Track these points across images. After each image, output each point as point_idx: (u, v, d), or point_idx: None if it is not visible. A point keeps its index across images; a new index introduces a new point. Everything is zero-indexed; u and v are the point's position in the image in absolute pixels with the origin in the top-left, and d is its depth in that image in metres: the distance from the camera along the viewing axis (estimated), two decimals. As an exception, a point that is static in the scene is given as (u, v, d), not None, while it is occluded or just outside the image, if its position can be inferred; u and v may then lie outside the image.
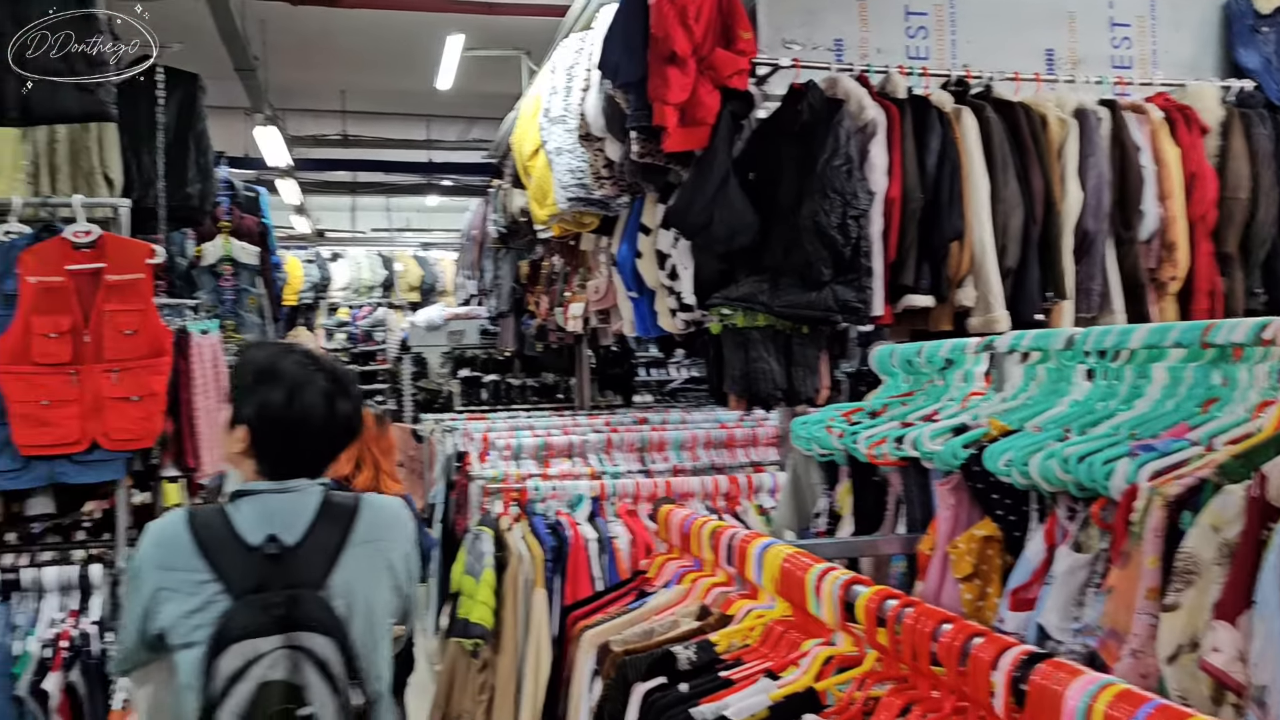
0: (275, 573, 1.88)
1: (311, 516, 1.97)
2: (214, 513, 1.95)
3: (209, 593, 1.84)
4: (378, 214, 14.68)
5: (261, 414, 1.96)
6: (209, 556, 1.86)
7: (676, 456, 4.67)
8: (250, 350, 2.18)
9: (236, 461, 2.02)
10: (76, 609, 3.00)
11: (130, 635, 1.93)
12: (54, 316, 3.14)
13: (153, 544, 1.92)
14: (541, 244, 7.58)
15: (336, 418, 2.00)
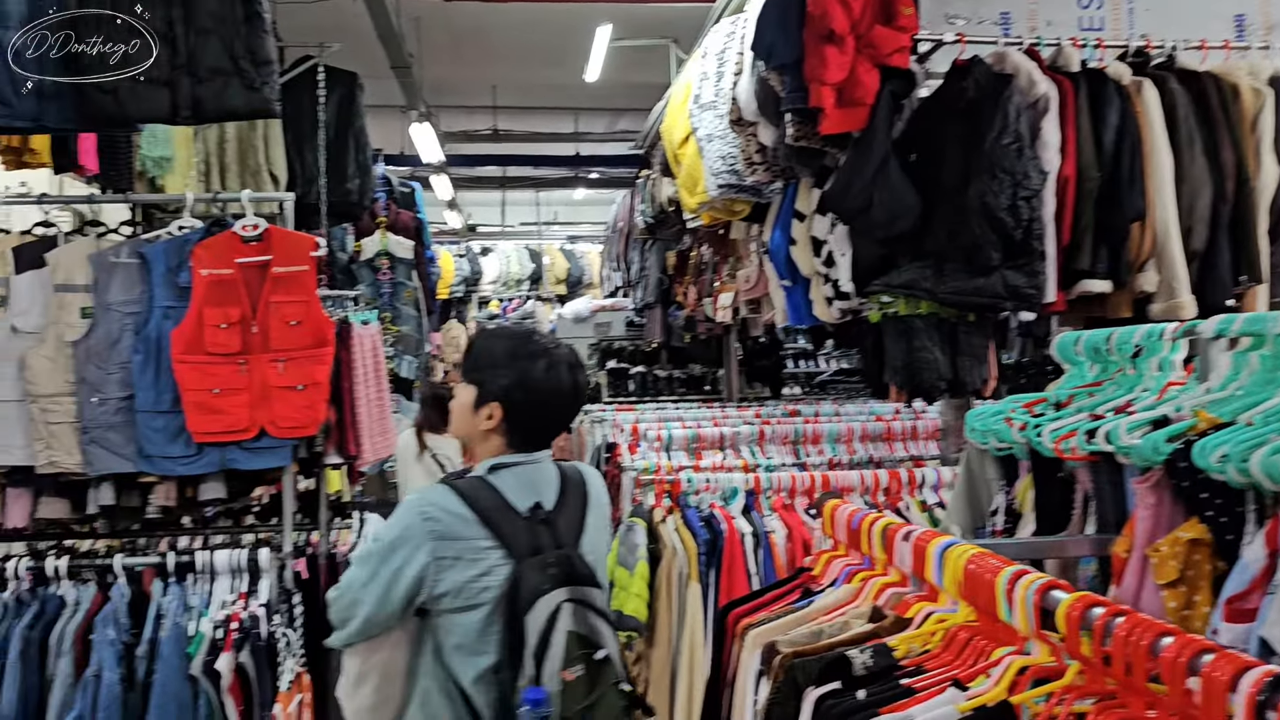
0: (545, 536, 2.07)
1: (558, 484, 2.18)
2: (478, 484, 2.11)
3: (492, 558, 2.03)
4: (526, 208, 14.90)
5: (521, 388, 2.11)
6: (489, 525, 2.04)
7: (832, 450, 4.54)
8: (489, 333, 2.34)
9: (481, 439, 2.18)
10: (246, 591, 3.09)
11: (376, 605, 2.04)
12: (224, 308, 3.23)
13: (423, 518, 2.05)
14: (690, 234, 7.53)
15: (579, 389, 2.19)
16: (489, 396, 2.14)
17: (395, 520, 2.11)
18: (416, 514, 2.06)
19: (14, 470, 3.23)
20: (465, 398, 2.19)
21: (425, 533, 2.04)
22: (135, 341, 3.22)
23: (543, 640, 1.94)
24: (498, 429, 2.15)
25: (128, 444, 3.22)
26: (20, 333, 3.23)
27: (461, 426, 2.21)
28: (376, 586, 2.04)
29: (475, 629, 2.03)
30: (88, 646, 2.92)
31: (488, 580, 2.02)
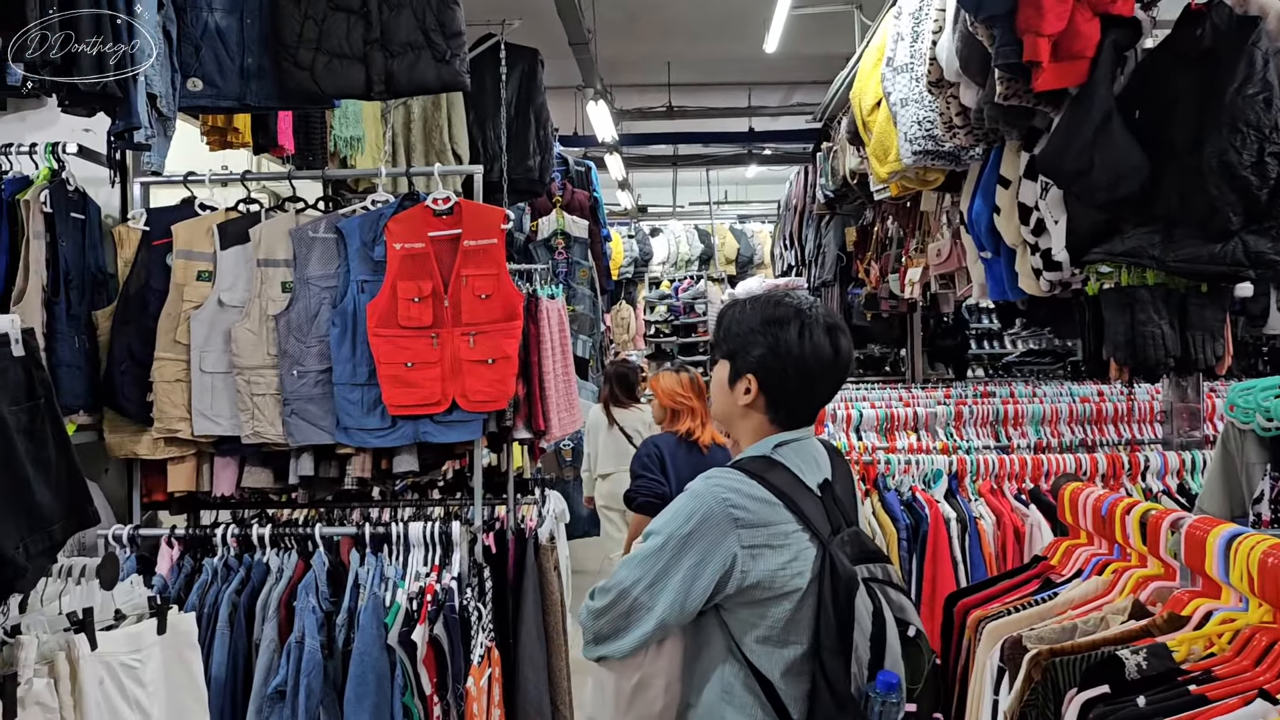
0: (836, 513, 1.94)
1: (828, 458, 2.05)
2: (768, 464, 1.94)
3: (800, 542, 1.87)
4: (695, 188, 14.81)
5: (775, 355, 1.96)
6: (792, 506, 1.89)
7: (1035, 432, 4.27)
8: (736, 303, 2.12)
9: (740, 416, 2.03)
10: (438, 564, 3.09)
11: (673, 607, 1.87)
12: (417, 281, 3.24)
13: (725, 504, 1.88)
14: (872, 208, 7.27)
15: (841, 353, 2.01)
16: (743, 369, 2.00)
17: (683, 510, 1.91)
18: (715, 500, 1.88)
19: (222, 440, 3.32)
20: (720, 374, 2.06)
21: (729, 520, 1.87)
22: (332, 315, 3.27)
23: (877, 623, 1.81)
24: (756, 404, 2.00)
25: (326, 416, 3.27)
26: (226, 306, 3.31)
27: (720, 405, 2.07)
28: (673, 586, 1.86)
29: (784, 619, 1.88)
30: (291, 613, 2.97)
31: (797, 565, 1.87)
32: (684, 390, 4.90)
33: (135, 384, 3.27)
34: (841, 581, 1.82)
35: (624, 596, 1.89)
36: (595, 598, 1.95)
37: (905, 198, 5.85)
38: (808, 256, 10.27)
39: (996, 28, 3.26)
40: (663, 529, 1.92)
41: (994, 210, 3.98)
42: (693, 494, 1.93)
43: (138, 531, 3.20)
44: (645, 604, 1.87)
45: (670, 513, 1.94)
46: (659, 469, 4.72)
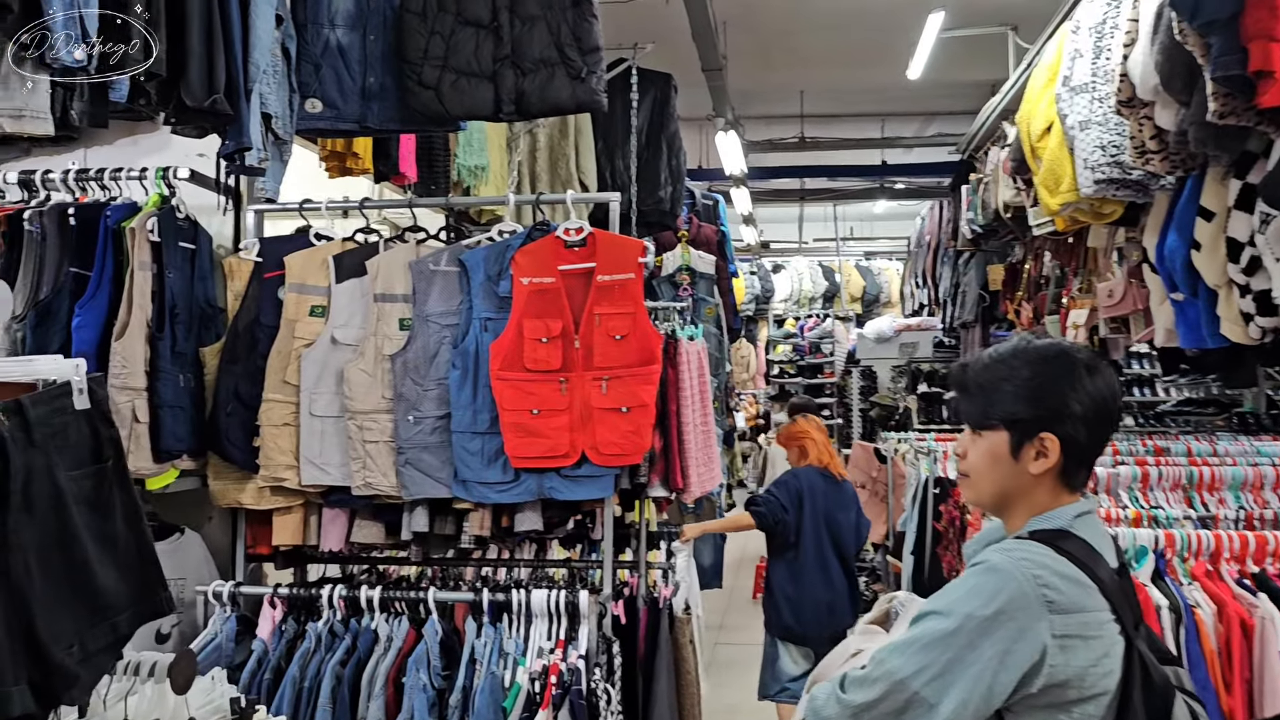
0: (1129, 602, 1.67)
1: None
2: (1072, 540, 1.65)
3: (1110, 634, 1.59)
4: (819, 224, 14.37)
5: (1078, 405, 1.68)
6: (1106, 593, 1.60)
7: (1236, 499, 3.72)
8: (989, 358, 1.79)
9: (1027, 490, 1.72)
10: (564, 638, 2.74)
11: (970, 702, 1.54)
12: (545, 320, 2.93)
13: (1037, 583, 1.57)
14: (1023, 244, 6.76)
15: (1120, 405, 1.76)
16: (1033, 430, 1.69)
17: (983, 587, 1.59)
18: (1025, 578, 1.56)
19: (331, 490, 3.05)
20: (990, 449, 1.73)
21: (1041, 603, 1.55)
22: (453, 355, 2.97)
23: None
24: (1053, 469, 1.69)
25: (443, 467, 2.97)
26: (340, 344, 3.05)
27: (993, 483, 1.74)
28: (968, 680, 1.53)
29: None
30: (399, 690, 2.66)
31: (1109, 663, 1.57)
32: (800, 427, 5.43)
33: (241, 428, 3.03)
34: (1157, 687, 1.56)
35: (898, 690, 1.56)
36: (850, 689, 1.60)
37: (1068, 233, 5.35)
38: (942, 295, 9.73)
39: (1214, 35, 2.80)
40: (953, 608, 1.58)
41: (1192, 246, 3.48)
42: (991, 569, 1.59)
43: (239, 589, 2.94)
44: (928, 700, 1.54)
45: (964, 590, 1.59)
46: (794, 501, 5.04)
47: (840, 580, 5.06)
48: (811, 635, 4.91)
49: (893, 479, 6.64)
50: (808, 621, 4.91)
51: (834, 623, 4.83)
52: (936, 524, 4.74)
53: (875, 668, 1.58)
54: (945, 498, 4.89)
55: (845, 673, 1.60)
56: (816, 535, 5.00)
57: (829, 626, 4.81)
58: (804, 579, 4.95)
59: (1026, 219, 5.78)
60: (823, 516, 5.05)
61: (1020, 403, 1.70)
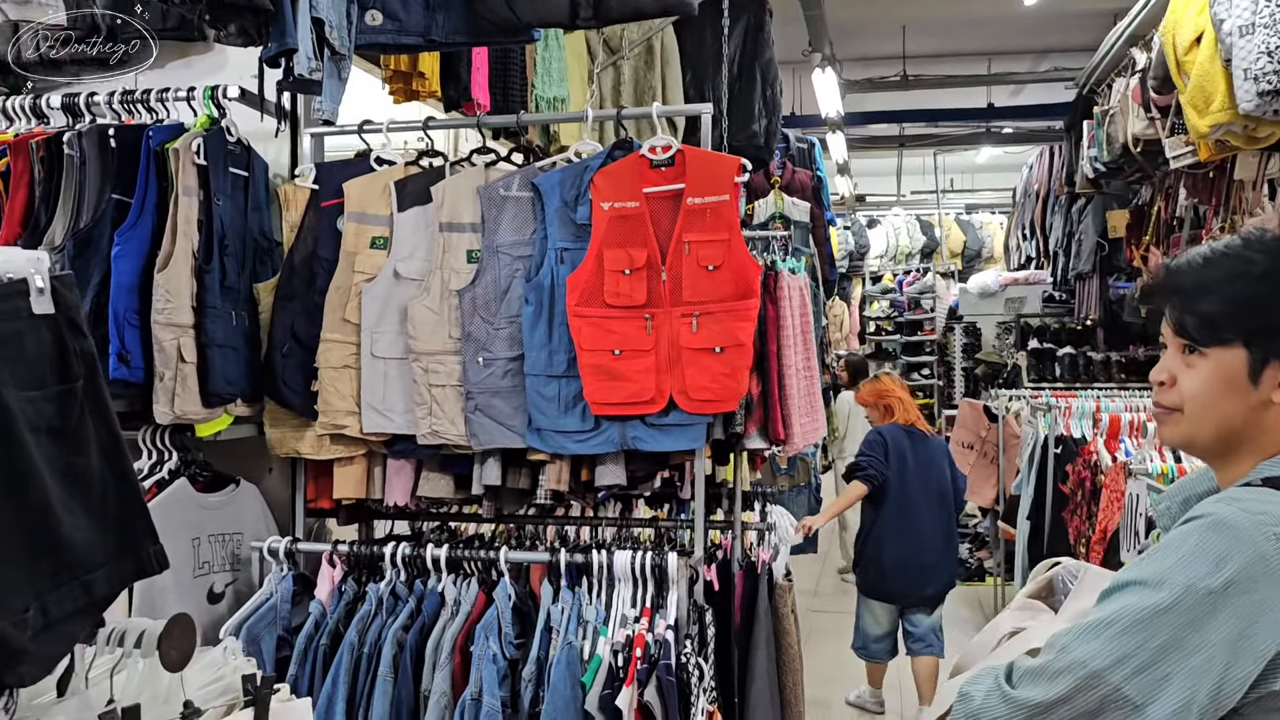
0: None
1: None
2: None
3: None
4: (917, 177, 13.76)
5: None
6: None
7: None
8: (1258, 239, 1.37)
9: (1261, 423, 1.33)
10: (650, 606, 2.43)
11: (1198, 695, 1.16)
12: (628, 249, 2.60)
13: None
14: (1151, 184, 6.21)
15: None
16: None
17: (1207, 549, 1.20)
18: (1267, 539, 1.18)
19: (396, 439, 2.78)
20: (1218, 370, 1.34)
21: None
22: (526, 290, 2.66)
23: None
24: None
25: (516, 414, 2.67)
26: (403, 279, 2.77)
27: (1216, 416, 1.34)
28: (1189, 671, 1.15)
29: None
30: (467, 659, 2.38)
31: None
32: (885, 387, 5.28)
33: (299, 370, 2.77)
34: None
35: (1091, 684, 1.17)
36: (1022, 684, 1.22)
37: (1208, 167, 4.83)
38: (1053, 247, 9.16)
39: None
40: (1166, 577, 1.19)
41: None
42: (1218, 526, 1.20)
43: (296, 546, 2.69)
44: (1132, 699, 1.16)
45: (1180, 553, 1.20)
46: (883, 453, 4.89)
47: (936, 538, 4.91)
48: (896, 593, 4.87)
49: (1004, 439, 6.19)
50: (893, 579, 4.83)
51: (925, 583, 4.82)
52: (1061, 486, 4.32)
53: (1057, 656, 1.20)
54: (1071, 457, 4.46)
55: (1013, 663, 1.24)
56: (905, 492, 4.88)
57: (919, 586, 4.81)
58: (892, 536, 4.83)
59: (1159, 153, 5.27)
60: (913, 473, 4.92)
61: (1255, 316, 1.31)
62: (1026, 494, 5.20)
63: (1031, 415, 5.33)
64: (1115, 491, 3.53)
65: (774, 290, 2.74)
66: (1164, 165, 5.55)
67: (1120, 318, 7.84)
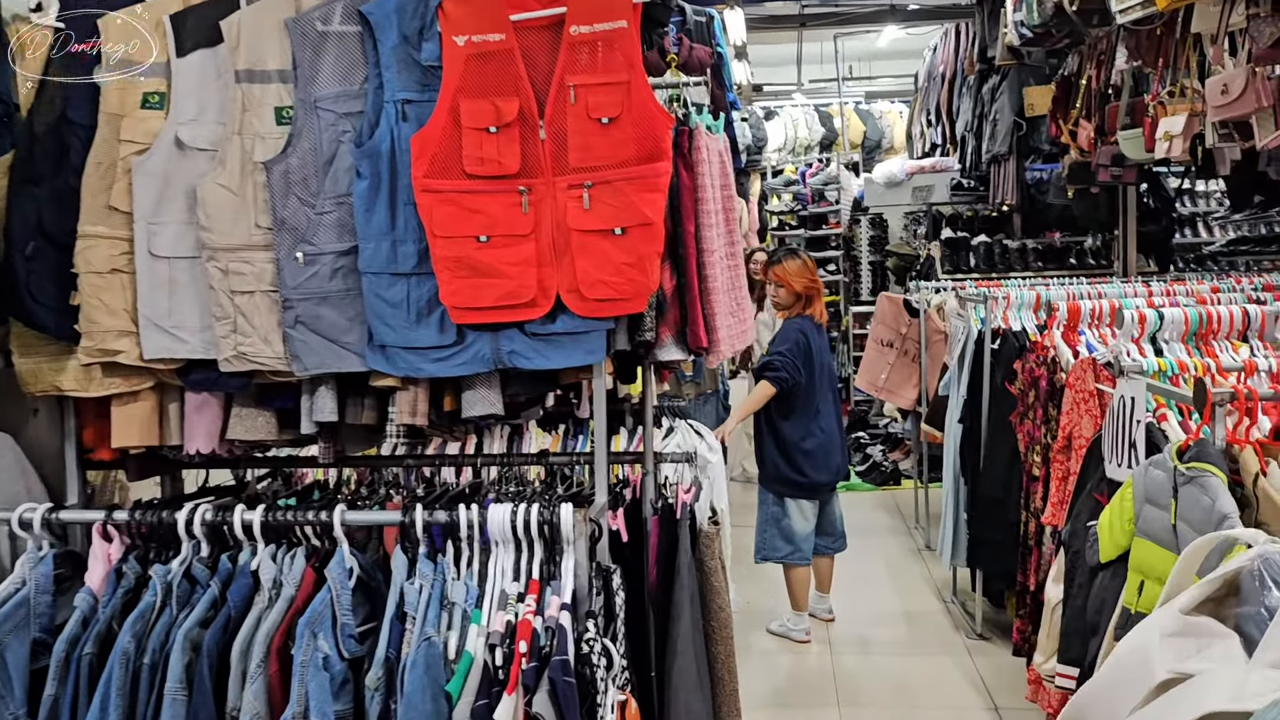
0: None
1: None
2: None
3: None
4: (814, 66, 13.11)
5: None
6: None
7: None
8: None
9: None
10: (539, 577, 1.82)
11: None
12: (493, 99, 1.92)
13: None
14: (1078, 52, 5.68)
15: None
16: None
17: None
18: None
19: (192, 366, 2.08)
20: None
21: None
22: (357, 159, 1.97)
23: None
24: None
25: (352, 327, 2.00)
26: (189, 150, 2.04)
27: None
28: None
29: None
30: (289, 665, 1.74)
31: None
32: (812, 272, 4.80)
33: (50, 277, 2.05)
34: None
35: None
36: None
37: (1156, 22, 4.30)
38: (960, 131, 8.66)
39: None
40: None
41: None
42: None
43: (57, 514, 1.99)
44: None
45: None
46: (803, 356, 4.58)
47: (838, 427, 4.81)
48: (824, 482, 4.68)
49: (926, 336, 5.71)
50: (822, 472, 4.63)
51: (840, 467, 4.76)
52: (1008, 385, 3.82)
53: None
54: (1013, 353, 3.96)
55: None
56: (821, 386, 4.67)
57: (838, 472, 4.73)
58: (816, 431, 4.62)
59: (1095, 11, 4.73)
60: (818, 365, 4.68)
61: None
62: (957, 395, 4.74)
63: (961, 308, 4.83)
64: (1082, 392, 3.03)
65: (689, 151, 2.10)
66: (1099, 25, 5.03)
67: (1038, 202, 7.41)
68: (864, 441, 8.21)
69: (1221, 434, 1.94)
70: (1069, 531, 2.67)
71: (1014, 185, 7.21)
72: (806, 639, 4.65)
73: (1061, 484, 3.14)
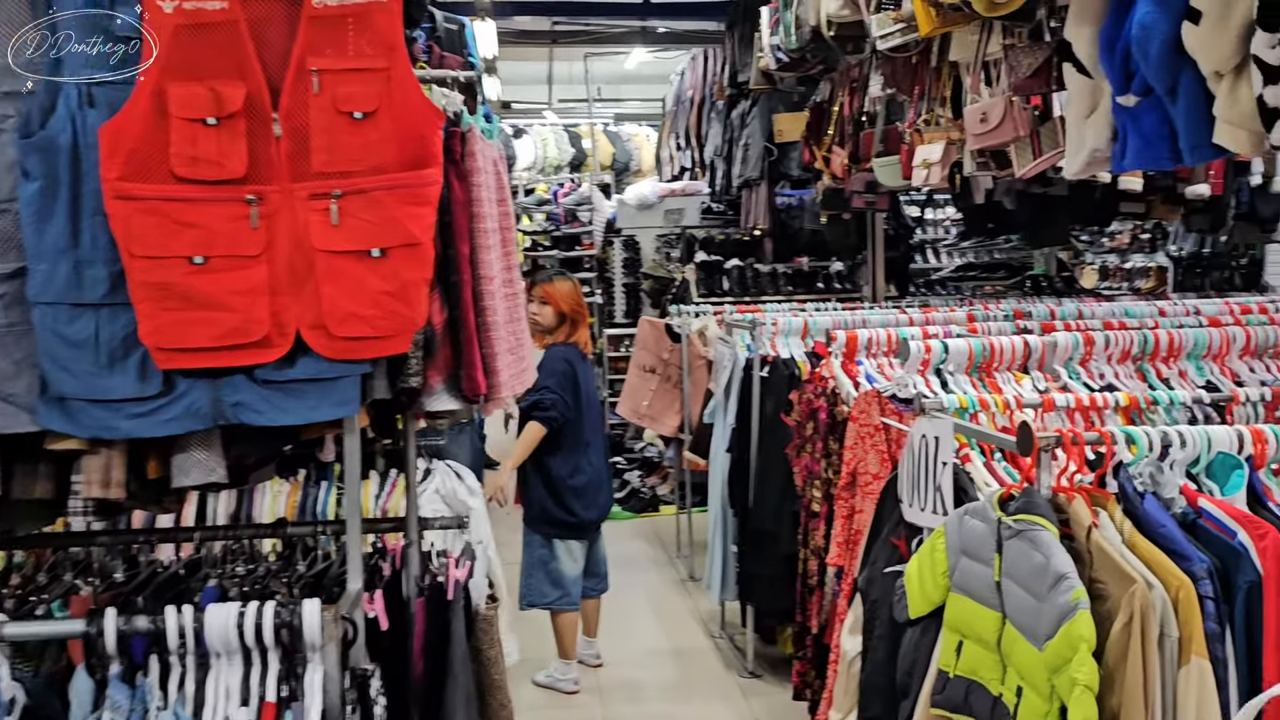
0: None
1: None
2: None
3: None
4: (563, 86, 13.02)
5: None
6: None
7: (1197, 370, 2.84)
8: None
9: None
10: (275, 697, 1.41)
11: None
12: (211, 83, 1.51)
13: None
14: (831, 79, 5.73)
15: None
16: None
17: None
18: None
19: None
20: None
21: None
22: (24, 154, 1.50)
23: None
24: None
25: (18, 373, 1.53)
26: None
27: None
28: None
29: None
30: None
31: None
32: (579, 297, 4.47)
33: None
34: None
35: None
36: None
37: (912, 50, 4.33)
38: (709, 156, 8.70)
39: None
40: None
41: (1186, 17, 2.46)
42: None
43: None
44: None
45: None
46: (571, 389, 4.24)
47: (606, 461, 4.59)
48: (595, 520, 4.40)
49: (689, 361, 5.57)
50: (591, 510, 4.36)
51: (608, 504, 4.51)
52: (785, 417, 3.67)
53: None
54: (785, 381, 3.83)
55: None
56: (589, 419, 4.38)
57: (606, 508, 4.48)
58: (587, 467, 4.33)
59: (853, 38, 4.75)
60: (589, 398, 4.39)
61: None
62: (724, 423, 4.59)
63: (728, 334, 4.70)
64: (867, 426, 2.90)
65: (462, 158, 1.75)
66: (853, 52, 5.06)
67: (789, 227, 7.49)
68: (621, 467, 8.03)
69: (1048, 481, 1.79)
70: (865, 578, 2.50)
71: (765, 210, 7.25)
72: (576, 689, 4.34)
73: (846, 522, 2.99)
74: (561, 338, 4.37)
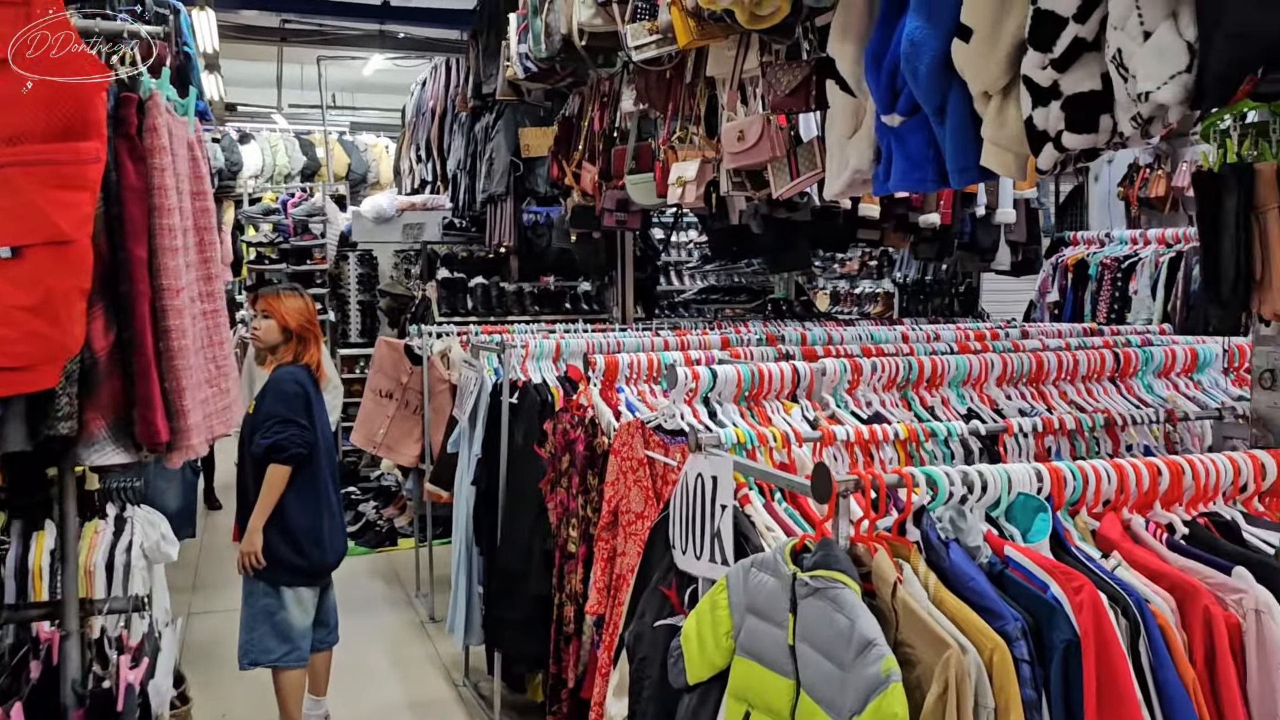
0: None
1: None
2: None
3: None
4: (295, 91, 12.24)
5: None
6: None
7: (959, 398, 2.79)
8: None
9: None
10: None
11: None
12: None
13: None
14: (580, 94, 5.53)
15: None
16: None
17: None
18: None
19: None
20: None
21: None
22: None
23: None
24: None
25: None
26: None
27: None
28: None
29: None
30: None
31: None
32: (311, 313, 4.03)
33: None
34: None
35: None
36: None
37: (665, 65, 4.18)
38: (451, 170, 8.34)
39: None
40: None
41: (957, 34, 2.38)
42: None
43: None
44: None
45: None
46: (306, 414, 3.80)
47: (339, 497, 4.09)
48: (330, 565, 3.92)
49: (430, 386, 5.18)
50: (329, 553, 3.88)
51: (343, 545, 4.04)
52: (538, 449, 3.38)
53: None
54: (544, 408, 3.55)
55: None
56: (324, 452, 3.91)
57: (340, 555, 3.99)
58: (320, 505, 3.84)
59: (603, 49, 4.56)
60: (324, 426, 3.95)
61: None
62: (469, 453, 4.25)
63: (473, 357, 4.36)
64: (630, 460, 2.66)
65: (139, 132, 1.35)
66: (604, 65, 4.88)
67: (535, 245, 7.24)
68: (355, 497, 7.50)
69: (847, 530, 1.59)
70: (633, 634, 2.25)
71: (511, 227, 6.98)
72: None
73: (607, 566, 2.74)
74: (289, 358, 3.89)
